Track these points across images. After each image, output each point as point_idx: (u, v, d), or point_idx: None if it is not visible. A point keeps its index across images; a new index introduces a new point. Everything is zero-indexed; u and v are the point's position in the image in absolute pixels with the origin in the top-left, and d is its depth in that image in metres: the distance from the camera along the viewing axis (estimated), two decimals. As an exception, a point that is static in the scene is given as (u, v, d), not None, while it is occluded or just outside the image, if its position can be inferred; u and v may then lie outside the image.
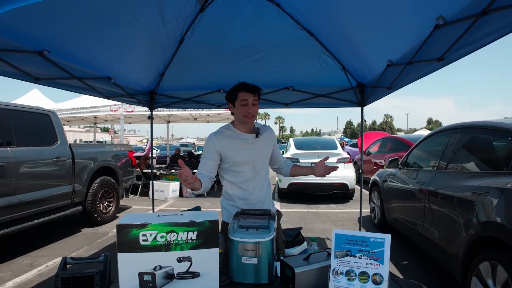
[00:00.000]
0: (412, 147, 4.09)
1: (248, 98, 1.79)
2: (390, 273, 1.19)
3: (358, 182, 9.37)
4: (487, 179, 2.36)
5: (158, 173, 8.51)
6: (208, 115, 10.32)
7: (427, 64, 2.14)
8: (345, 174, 7.10)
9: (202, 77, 3.72)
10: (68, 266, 1.44)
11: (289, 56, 3.34)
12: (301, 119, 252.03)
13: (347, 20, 2.55)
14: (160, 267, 1.22)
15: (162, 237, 1.22)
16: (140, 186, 8.40)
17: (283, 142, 26.97)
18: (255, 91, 1.81)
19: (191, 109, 8.18)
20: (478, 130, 2.89)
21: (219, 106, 4.14)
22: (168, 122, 11.89)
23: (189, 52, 3.24)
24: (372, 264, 1.22)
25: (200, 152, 12.45)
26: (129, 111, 8.73)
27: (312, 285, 1.30)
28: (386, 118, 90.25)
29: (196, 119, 11.15)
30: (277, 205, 7.18)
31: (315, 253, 1.40)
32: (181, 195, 8.31)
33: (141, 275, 1.20)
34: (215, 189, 9.25)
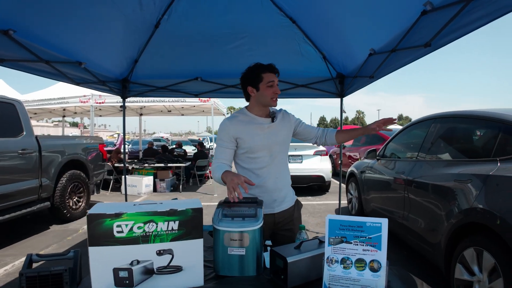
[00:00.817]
0: (390, 138, 4.14)
1: (274, 79, 1.69)
2: (388, 260, 1.13)
3: (334, 174, 9.54)
4: (469, 166, 2.39)
5: (130, 167, 8.18)
6: (182, 107, 10.01)
7: (413, 50, 2.11)
8: (322, 166, 7.16)
9: (178, 64, 3.54)
10: (34, 264, 1.27)
11: (270, 44, 3.24)
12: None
13: (331, 7, 2.49)
14: (138, 262, 1.09)
15: (139, 228, 1.09)
16: (112, 181, 8.05)
17: None
18: (277, 70, 1.73)
19: (165, 99, 7.88)
20: (458, 120, 2.93)
21: (196, 95, 3.97)
22: (141, 115, 11.46)
23: (165, 38, 3.06)
24: (369, 250, 1.15)
25: (173, 146, 12.12)
26: (100, 103, 8.29)
27: (305, 275, 1.22)
28: (358, 114, 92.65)
29: (170, 111, 10.79)
30: (255, 199, 7.10)
31: (306, 241, 1.31)
32: (155, 190, 8.04)
33: (116, 271, 1.06)
34: (191, 183, 9.05)
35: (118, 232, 1.06)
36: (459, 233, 2.26)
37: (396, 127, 6.88)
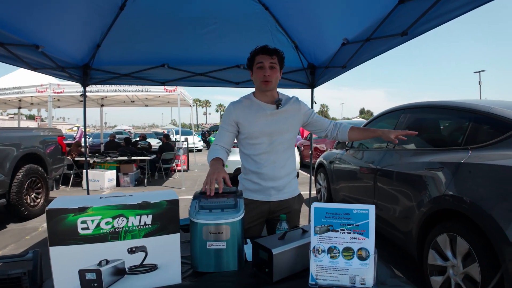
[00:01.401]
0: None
1: (264, 60, 1.61)
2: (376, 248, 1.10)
3: (302, 166, 9.66)
4: (441, 155, 2.46)
5: (92, 161, 7.71)
6: (146, 98, 9.54)
7: (388, 39, 2.11)
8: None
9: (144, 50, 3.32)
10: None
11: (241, 31, 3.12)
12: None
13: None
14: (107, 262, 0.96)
15: (107, 223, 0.96)
16: (72, 176, 7.55)
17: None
18: (274, 53, 1.63)
19: (128, 88, 7.47)
20: (428, 110, 3.02)
21: (162, 83, 3.77)
22: (102, 106, 10.82)
23: (131, 21, 2.84)
24: (356, 238, 1.11)
25: (137, 139, 11.64)
26: (58, 92, 7.69)
27: (291, 267, 1.16)
28: (322, 108, 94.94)
29: (133, 102, 10.25)
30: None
31: (289, 231, 1.25)
32: (118, 184, 7.66)
33: (82, 273, 0.93)
34: (156, 177, 8.75)
35: (83, 229, 0.93)
36: (431, 220, 2.33)
37: (359, 120, 7.06)
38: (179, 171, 9.59)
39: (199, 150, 18.34)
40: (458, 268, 2.06)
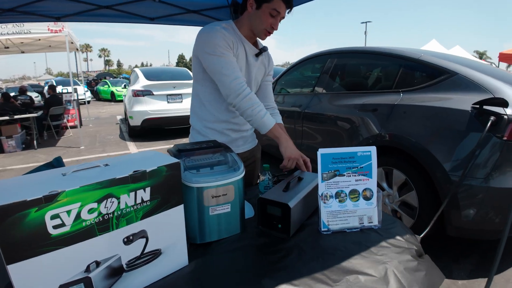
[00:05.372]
0: (281, 74, 4.17)
1: (281, 10, 1.33)
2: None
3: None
4: (374, 97, 2.62)
5: None
6: (22, 42, 7.45)
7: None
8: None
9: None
10: None
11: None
12: (128, 52, 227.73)
13: None
14: (98, 264, 0.69)
15: (91, 211, 0.67)
16: None
17: (126, 78, 23.52)
18: (291, 6, 1.36)
19: (3, 29, 5.70)
20: (357, 55, 3.12)
21: (57, 18, 2.90)
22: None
23: None
24: (361, 180, 1.08)
25: (15, 93, 9.37)
26: None
27: (301, 217, 1.08)
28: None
29: (7, 48, 7.91)
30: (131, 146, 6.43)
31: (289, 181, 1.14)
32: (1, 150, 6.19)
33: None
34: (46, 137, 7.38)
35: (55, 227, 0.62)
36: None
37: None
38: (72, 127, 8.27)
39: (88, 102, 16.06)
40: (393, 196, 2.37)
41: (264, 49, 1.46)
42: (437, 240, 2.26)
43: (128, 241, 0.74)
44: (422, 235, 1.79)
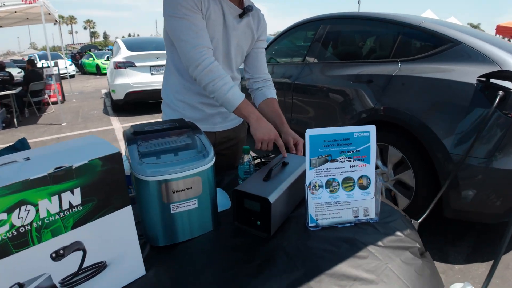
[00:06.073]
0: (270, 42, 3.89)
1: None
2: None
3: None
4: (368, 67, 2.41)
5: None
6: None
7: None
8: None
9: None
10: None
11: None
12: (114, 23, 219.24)
13: None
14: (21, 286, 0.53)
15: (1, 223, 0.50)
16: None
17: (111, 50, 22.57)
18: None
19: None
20: (351, 21, 2.85)
21: None
22: None
23: None
24: (357, 165, 0.92)
25: None
26: None
27: (285, 211, 0.93)
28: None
29: None
30: (114, 121, 6.17)
31: (271, 167, 0.97)
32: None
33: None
34: (27, 115, 7.06)
35: None
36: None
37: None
38: (54, 103, 7.92)
39: (72, 76, 15.48)
40: (388, 175, 2.22)
41: (249, 8, 1.21)
42: (431, 221, 2.16)
43: (58, 256, 0.57)
44: (420, 220, 1.67)
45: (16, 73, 10.32)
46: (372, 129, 0.92)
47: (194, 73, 1.08)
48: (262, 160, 1.34)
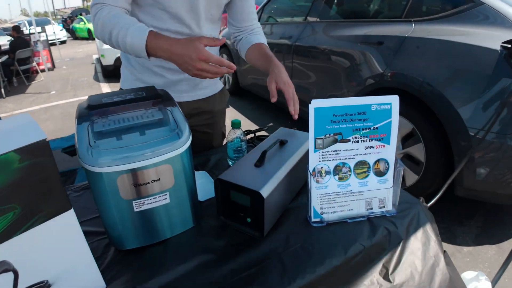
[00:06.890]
0: (267, 1, 3.56)
1: None
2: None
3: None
4: (377, 27, 2.15)
5: None
6: None
7: None
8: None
9: None
10: None
11: None
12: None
13: None
14: None
15: None
16: None
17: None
18: None
19: None
20: None
21: None
22: None
23: None
24: (373, 147, 0.73)
25: None
26: None
27: (283, 204, 0.76)
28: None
29: None
30: (105, 87, 5.91)
31: (265, 148, 0.79)
32: None
33: None
34: (15, 84, 6.75)
35: None
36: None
37: None
38: (43, 71, 7.56)
39: (63, 42, 14.84)
40: (396, 147, 2.04)
41: None
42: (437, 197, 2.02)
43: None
44: (431, 203, 1.51)
45: (6, 41, 9.81)
46: (395, 101, 0.73)
47: (96, 33, 0.84)
48: (256, 135, 1.16)
